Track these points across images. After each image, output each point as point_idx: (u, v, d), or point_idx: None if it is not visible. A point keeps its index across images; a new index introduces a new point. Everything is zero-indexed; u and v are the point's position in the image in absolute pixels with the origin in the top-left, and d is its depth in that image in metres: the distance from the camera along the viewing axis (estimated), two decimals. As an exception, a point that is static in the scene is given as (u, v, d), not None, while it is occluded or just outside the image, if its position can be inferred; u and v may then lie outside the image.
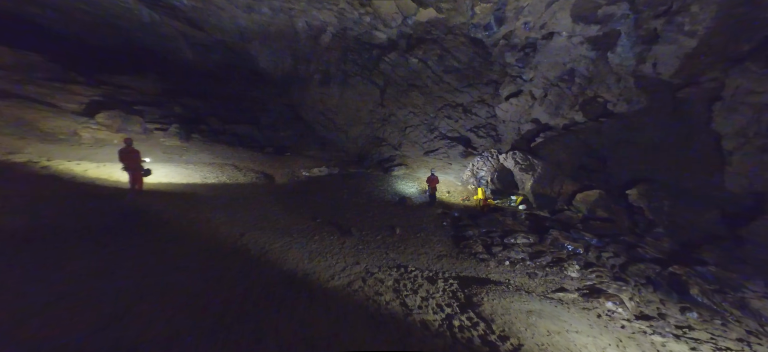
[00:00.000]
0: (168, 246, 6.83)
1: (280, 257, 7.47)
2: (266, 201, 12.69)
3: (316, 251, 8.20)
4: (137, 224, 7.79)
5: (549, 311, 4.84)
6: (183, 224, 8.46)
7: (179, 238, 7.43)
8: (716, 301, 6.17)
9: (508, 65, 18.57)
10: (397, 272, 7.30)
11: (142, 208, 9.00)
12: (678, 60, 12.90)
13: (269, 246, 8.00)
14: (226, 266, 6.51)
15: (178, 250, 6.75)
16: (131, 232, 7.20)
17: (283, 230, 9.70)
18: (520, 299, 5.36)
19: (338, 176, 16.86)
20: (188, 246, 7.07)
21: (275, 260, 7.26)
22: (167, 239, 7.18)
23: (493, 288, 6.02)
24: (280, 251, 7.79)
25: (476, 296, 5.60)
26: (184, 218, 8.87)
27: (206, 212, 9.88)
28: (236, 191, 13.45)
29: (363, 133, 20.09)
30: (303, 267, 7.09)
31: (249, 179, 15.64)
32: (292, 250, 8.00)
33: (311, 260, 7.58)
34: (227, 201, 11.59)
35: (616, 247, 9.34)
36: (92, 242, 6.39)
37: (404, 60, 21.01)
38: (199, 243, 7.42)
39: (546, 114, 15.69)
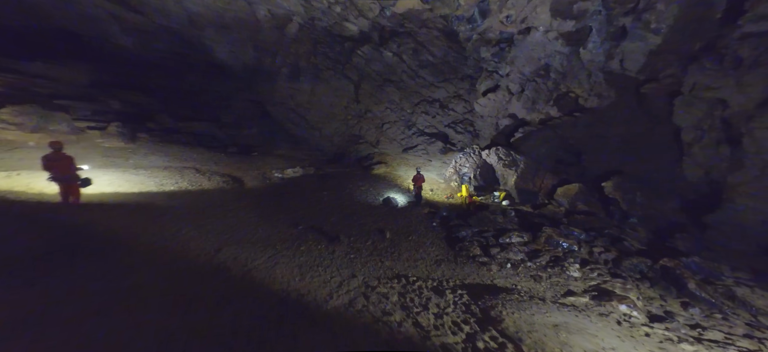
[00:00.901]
0: (125, 273, 5.66)
1: (266, 274, 6.59)
2: (238, 208, 11.51)
3: (306, 265, 7.40)
4: (79, 247, 6.33)
5: (574, 323, 4.58)
6: (142, 242, 7.22)
7: (139, 261, 6.25)
8: (711, 293, 6.40)
9: (483, 60, 18.64)
10: (399, 283, 6.75)
11: (84, 226, 7.48)
12: (644, 57, 13.55)
13: (252, 262, 7.07)
14: (204, 293, 5.55)
15: (140, 277, 5.63)
16: (72, 259, 5.80)
17: (263, 241, 8.74)
18: (539, 310, 5.06)
19: (315, 176, 15.90)
20: (152, 271, 5.95)
21: (262, 278, 6.38)
22: (123, 265, 5.97)
23: (505, 298, 5.68)
24: (265, 268, 6.90)
25: (493, 309, 5.21)
26: (143, 235, 7.61)
27: (170, 225, 8.62)
28: (202, 198, 12.10)
29: (338, 130, 19.20)
30: (295, 285, 6.29)
31: (215, 183, 14.22)
32: (278, 265, 7.13)
33: (303, 275, 6.79)
34: (193, 211, 10.30)
35: (603, 241, 9.53)
36: (16, 277, 4.96)
37: (378, 54, 20.37)
38: (167, 266, 6.31)
39: (523, 109, 15.91)
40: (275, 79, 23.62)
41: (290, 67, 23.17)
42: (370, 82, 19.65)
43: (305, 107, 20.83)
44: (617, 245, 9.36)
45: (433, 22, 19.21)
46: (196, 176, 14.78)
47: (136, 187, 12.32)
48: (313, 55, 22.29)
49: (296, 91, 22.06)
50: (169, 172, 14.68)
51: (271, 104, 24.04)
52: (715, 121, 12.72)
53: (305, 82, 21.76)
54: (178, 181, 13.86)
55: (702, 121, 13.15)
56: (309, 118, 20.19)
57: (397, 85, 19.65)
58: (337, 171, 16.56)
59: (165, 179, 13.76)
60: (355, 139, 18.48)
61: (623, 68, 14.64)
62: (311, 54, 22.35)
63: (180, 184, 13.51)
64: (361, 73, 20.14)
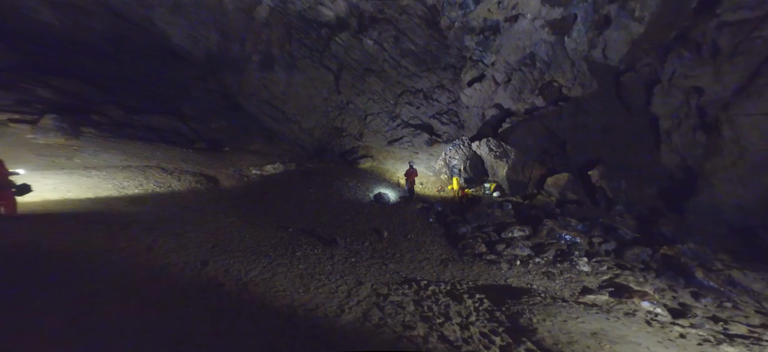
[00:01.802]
0: (91, 305, 4.62)
1: (266, 288, 5.97)
2: (218, 211, 10.59)
3: (307, 274, 6.83)
4: (22, 276, 5.07)
5: (611, 330, 4.44)
6: (109, 261, 6.28)
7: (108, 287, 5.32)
8: (715, 280, 6.64)
9: (466, 49, 18.48)
10: (410, 289, 6.39)
11: (27, 246, 6.15)
12: (626, 45, 13.95)
13: (246, 275, 6.39)
14: (198, 319, 4.86)
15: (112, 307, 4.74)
16: (13, 294, 4.55)
17: (253, 248, 8.02)
18: (569, 315, 4.89)
19: (297, 173, 15.10)
20: (127, 297, 5.11)
21: (261, 294, 5.76)
22: (88, 293, 4.98)
23: (528, 301, 5.48)
24: (262, 281, 6.26)
25: (520, 316, 4.98)
26: (110, 252, 6.65)
27: (141, 236, 7.65)
28: (174, 201, 11.01)
29: (319, 123, 18.35)
30: (300, 299, 5.74)
31: (186, 184, 13.04)
32: (277, 276, 6.52)
33: (306, 286, 6.23)
34: (166, 217, 9.29)
35: (599, 230, 9.73)
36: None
37: (358, 42, 19.61)
38: (144, 289, 5.49)
39: (510, 99, 15.97)
40: (245, 68, 22.16)
41: (262, 56, 21.80)
42: (350, 72, 18.90)
43: (281, 99, 19.71)
44: (612, 234, 9.59)
45: (414, 8, 18.72)
46: (163, 176, 13.48)
47: (89, 191, 10.88)
48: (287, 42, 21.09)
49: (270, 81, 20.81)
50: (129, 173, 13.21)
51: (241, 96, 22.59)
52: (691, 109, 13.37)
53: (280, 71, 20.56)
54: (142, 182, 12.53)
55: (678, 110, 13.79)
56: (286, 111, 19.14)
57: (379, 75, 19.06)
58: (321, 167, 15.84)
59: (126, 181, 12.34)
60: (337, 132, 17.75)
61: (605, 57, 15.03)
62: (285, 41, 21.13)
63: (145, 186, 12.22)
64: (341, 62, 19.31)
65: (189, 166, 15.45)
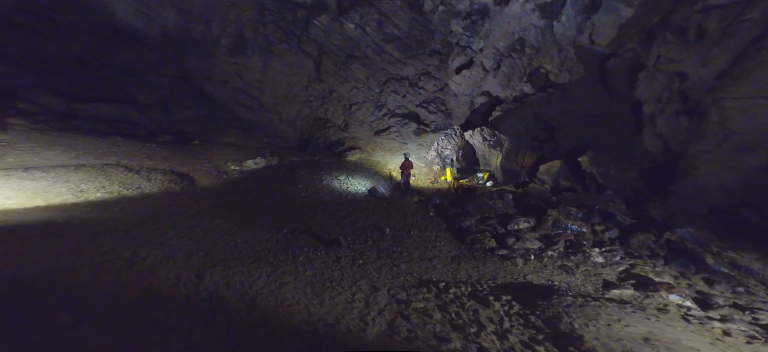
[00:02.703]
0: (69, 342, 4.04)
1: (276, 302, 5.47)
2: (200, 214, 9.76)
3: (317, 281, 6.38)
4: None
5: (660, 332, 4.32)
6: (83, 282, 5.51)
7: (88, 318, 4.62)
8: (725, 265, 6.93)
9: (452, 34, 18.22)
10: (430, 292, 6.12)
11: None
12: (615, 30, 14.26)
13: (250, 287, 5.84)
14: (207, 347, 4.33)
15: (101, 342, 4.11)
16: None
17: (249, 254, 7.42)
18: (610, 317, 4.79)
19: (282, 167, 14.32)
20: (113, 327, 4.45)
21: (274, 310, 5.27)
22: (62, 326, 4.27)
23: (559, 302, 5.35)
24: (270, 293, 5.74)
25: (558, 320, 4.81)
26: (81, 270, 5.85)
27: (117, 249, 6.82)
28: (147, 205, 10.03)
29: (301, 113, 17.49)
30: (317, 313, 5.30)
31: (158, 184, 11.97)
32: (285, 286, 6.01)
33: (319, 296, 5.79)
34: (142, 225, 8.40)
35: (599, 218, 9.95)
36: None
37: (338, 25, 18.80)
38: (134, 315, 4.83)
39: (499, 86, 15.96)
40: (214, 52, 20.70)
41: (232, 39, 20.43)
42: (331, 58, 18.10)
43: (257, 87, 18.58)
44: (611, 220, 9.85)
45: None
46: (129, 176, 12.29)
47: (37, 197, 9.57)
48: (260, 24, 19.86)
49: (243, 67, 19.56)
50: (85, 173, 11.79)
51: (210, 83, 21.12)
52: (674, 93, 13.94)
53: (254, 57, 19.35)
54: (104, 184, 11.31)
55: (661, 94, 14.34)
56: (263, 100, 18.08)
57: (362, 61, 18.42)
58: (307, 160, 15.14)
59: (83, 183, 11.03)
60: (321, 123, 17.02)
61: (592, 42, 15.30)
62: (258, 23, 19.88)
63: (109, 188, 11.05)
64: (321, 47, 18.44)
65: (157, 162, 14.23)
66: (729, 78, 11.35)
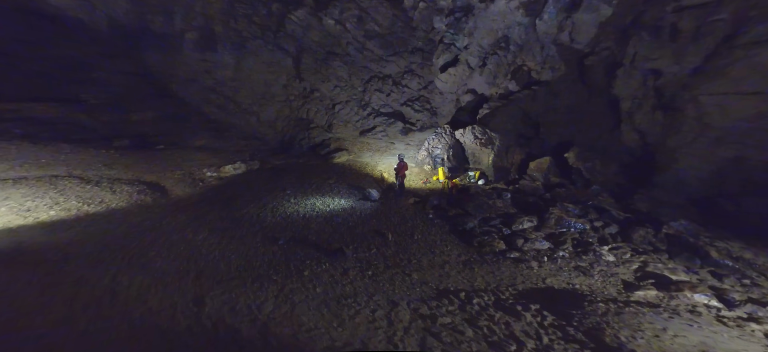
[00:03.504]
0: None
1: (293, 328, 4.98)
2: (182, 228, 8.93)
3: (330, 298, 5.94)
4: None
5: (713, 342, 4.09)
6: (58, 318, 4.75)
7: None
8: (728, 257, 7.26)
9: (435, 31, 18.16)
10: (452, 304, 5.86)
11: None
12: (595, 28, 14.80)
13: (259, 311, 5.30)
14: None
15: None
16: None
17: (248, 271, 6.82)
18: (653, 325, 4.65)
19: (265, 172, 13.54)
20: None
21: (292, 337, 4.78)
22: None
23: (592, 309, 5.23)
24: (284, 317, 5.24)
25: (600, 332, 4.55)
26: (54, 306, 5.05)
27: (93, 276, 6.00)
28: (117, 222, 9.03)
29: (281, 114, 16.66)
30: (341, 338, 4.88)
31: (126, 196, 10.86)
32: (298, 307, 5.52)
33: (337, 317, 5.36)
34: (116, 244, 7.51)
35: (595, 213, 10.22)
36: None
37: (317, 21, 18.14)
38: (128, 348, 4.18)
39: (486, 84, 16.10)
40: (178, 47, 19.32)
41: (199, 33, 19.16)
42: (311, 55, 17.43)
43: (231, 86, 17.50)
44: (606, 215, 10.14)
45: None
46: (88, 189, 11.04)
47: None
48: (230, 18, 18.74)
49: (214, 64, 18.36)
50: (29, 188, 10.30)
51: (176, 81, 19.70)
52: (649, 90, 14.72)
53: (226, 53, 18.22)
54: (57, 200, 9.98)
55: (638, 90, 15.09)
56: (238, 100, 17.05)
57: (344, 59, 17.90)
58: (291, 163, 14.43)
59: (29, 200, 9.58)
60: (303, 123, 16.31)
61: (572, 40, 15.82)
62: (228, 16, 18.76)
63: (65, 205, 9.77)
64: (300, 44, 17.70)
65: (118, 171, 12.94)
66: (703, 75, 12.11)
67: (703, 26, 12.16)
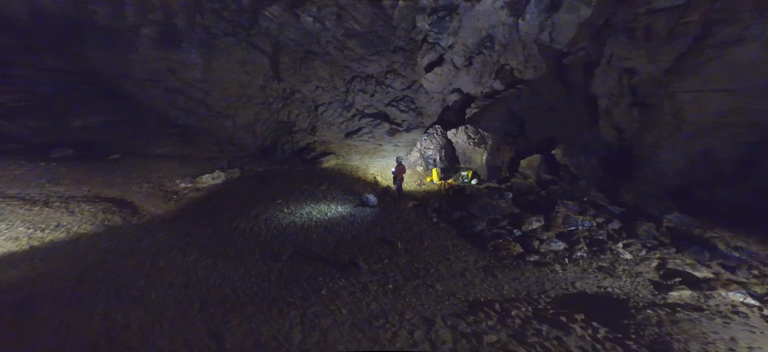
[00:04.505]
0: None
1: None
2: (166, 249, 8.03)
3: (360, 320, 5.51)
4: None
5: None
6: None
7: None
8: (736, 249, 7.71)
9: (417, 30, 18.09)
10: (489, 318, 5.62)
11: None
12: (574, 29, 15.45)
13: (287, 341, 4.76)
14: None
15: None
16: None
17: (258, 294, 6.20)
18: (718, 335, 4.49)
19: (248, 180, 12.64)
20: None
21: (336, 371, 4.33)
22: None
23: (644, 319, 5.04)
24: (315, 346, 4.76)
25: (666, 347, 4.44)
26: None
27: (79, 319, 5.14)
28: (85, 249, 7.95)
29: (260, 117, 15.69)
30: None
31: (88, 217, 9.62)
32: (328, 333, 5.04)
33: (376, 343, 4.96)
34: (94, 276, 6.53)
35: (592, 209, 10.57)
36: None
37: (294, 18, 17.39)
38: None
39: (472, 83, 16.25)
40: (131, 43, 17.69)
41: (159, 28, 17.65)
42: (289, 54, 16.64)
43: (200, 87, 16.23)
44: (603, 211, 10.53)
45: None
46: (35, 211, 9.64)
47: None
48: (196, 12, 17.44)
49: (179, 64, 16.97)
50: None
51: (131, 82, 18.04)
52: (624, 88, 15.61)
53: (192, 52, 16.90)
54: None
55: (614, 88, 15.96)
56: (210, 103, 15.84)
57: (324, 58, 17.29)
58: (275, 170, 13.63)
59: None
60: (285, 127, 15.48)
61: (551, 40, 16.42)
62: (193, 10, 17.45)
63: (11, 233, 8.36)
64: (276, 42, 16.83)
65: (68, 188, 11.46)
66: (677, 74, 13.01)
67: (675, 27, 13.06)
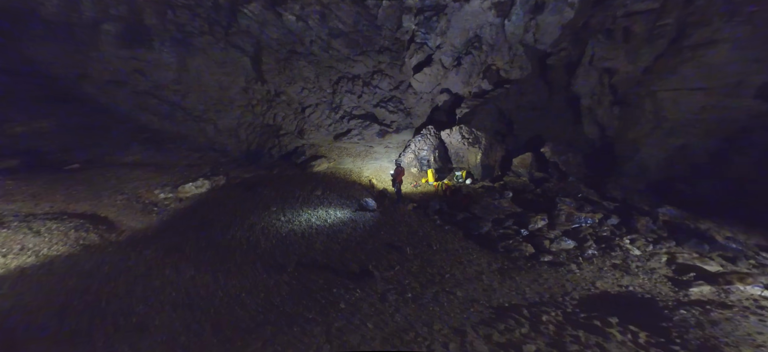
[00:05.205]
0: None
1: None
2: (157, 266, 7.38)
3: (389, 334, 5.26)
4: None
5: None
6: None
7: None
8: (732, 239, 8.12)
9: (403, 30, 17.99)
10: (520, 325, 5.48)
11: None
12: (558, 30, 15.95)
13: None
14: None
15: None
16: None
17: (273, 311, 5.79)
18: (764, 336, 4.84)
19: (235, 188, 11.95)
20: None
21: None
22: None
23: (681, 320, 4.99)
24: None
25: (715, 350, 4.56)
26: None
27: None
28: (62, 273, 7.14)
29: (243, 120, 14.91)
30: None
31: (58, 237, 8.69)
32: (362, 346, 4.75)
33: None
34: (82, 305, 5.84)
35: (589, 206, 10.89)
36: None
37: (275, 16, 16.75)
38: None
39: (461, 83, 16.35)
40: (90, 40, 16.32)
41: (124, 24, 16.36)
42: (272, 54, 16.00)
43: (175, 89, 15.21)
44: (598, 207, 10.89)
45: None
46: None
47: None
48: (167, 8, 16.34)
49: (149, 64, 15.82)
50: None
51: (90, 82, 16.67)
52: (604, 87, 16.34)
53: (164, 51, 15.81)
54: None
55: (595, 88, 16.66)
56: (188, 106, 14.88)
57: (309, 58, 16.78)
58: (263, 175, 12.99)
59: None
60: (271, 130, 14.82)
61: (536, 40, 16.88)
62: (163, 6, 16.34)
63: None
64: (257, 42, 16.12)
65: (25, 204, 10.36)
66: (656, 73, 13.76)
67: (654, 29, 13.81)
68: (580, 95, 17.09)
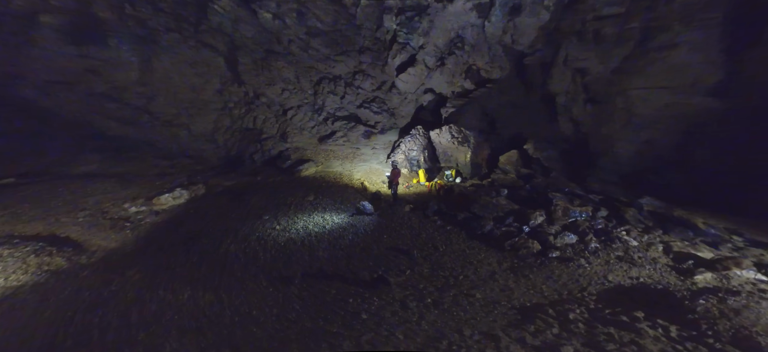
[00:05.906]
0: None
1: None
2: (148, 288, 6.68)
3: (421, 344, 5.09)
4: None
5: None
6: None
7: None
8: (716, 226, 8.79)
9: (383, 30, 17.92)
10: (553, 326, 5.40)
11: None
12: (535, 31, 16.64)
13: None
14: None
15: None
16: None
17: (293, 328, 5.42)
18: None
19: (218, 197, 11.17)
20: None
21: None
22: None
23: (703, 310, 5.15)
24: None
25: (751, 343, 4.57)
26: None
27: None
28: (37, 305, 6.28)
29: (220, 124, 13.99)
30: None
31: (17, 266, 7.65)
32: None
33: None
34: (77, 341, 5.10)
35: (579, 200, 11.40)
36: None
37: (249, 13, 16.04)
38: None
39: (444, 83, 16.53)
40: (26, 35, 14.65)
41: (68, 18, 14.78)
42: (248, 54, 15.24)
43: (139, 91, 13.98)
44: (587, 200, 11.43)
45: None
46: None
47: None
48: (123, 2, 14.99)
49: (105, 63, 14.45)
50: None
51: (30, 85, 15.20)
52: (577, 85, 17.28)
53: (124, 49, 14.52)
54: None
55: (569, 87, 17.58)
56: (155, 110, 13.71)
57: (287, 58, 16.19)
58: (249, 182, 12.28)
59: None
60: (251, 135, 14.04)
61: (513, 41, 17.51)
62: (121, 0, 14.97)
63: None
64: (231, 41, 15.27)
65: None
66: (626, 73, 14.77)
67: (622, 32, 14.82)
68: (556, 94, 17.94)
